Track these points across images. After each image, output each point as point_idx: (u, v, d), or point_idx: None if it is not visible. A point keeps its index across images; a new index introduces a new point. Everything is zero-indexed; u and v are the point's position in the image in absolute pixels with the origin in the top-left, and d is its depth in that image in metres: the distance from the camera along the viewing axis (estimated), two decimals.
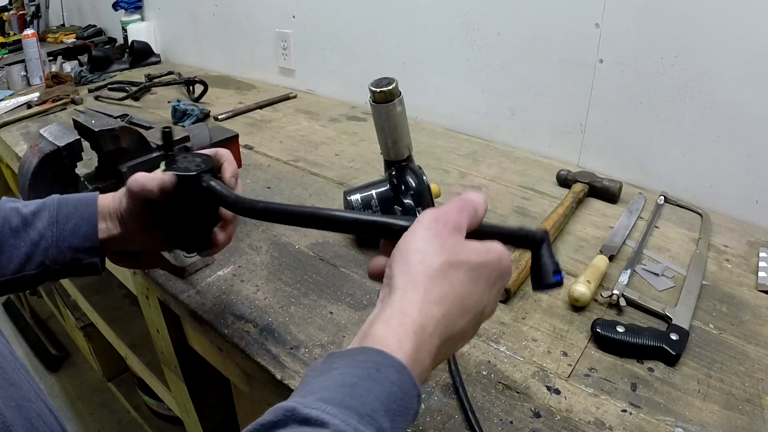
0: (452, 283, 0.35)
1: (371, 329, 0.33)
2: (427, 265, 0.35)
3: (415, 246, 0.36)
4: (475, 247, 0.38)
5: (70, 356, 2.03)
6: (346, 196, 0.76)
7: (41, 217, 0.52)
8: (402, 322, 0.32)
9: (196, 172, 0.51)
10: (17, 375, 0.42)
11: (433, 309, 0.34)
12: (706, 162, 0.93)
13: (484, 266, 0.37)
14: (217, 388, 0.91)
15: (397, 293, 0.34)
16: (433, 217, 0.38)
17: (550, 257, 0.42)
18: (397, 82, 0.69)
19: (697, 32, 0.87)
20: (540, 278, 0.43)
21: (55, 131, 0.67)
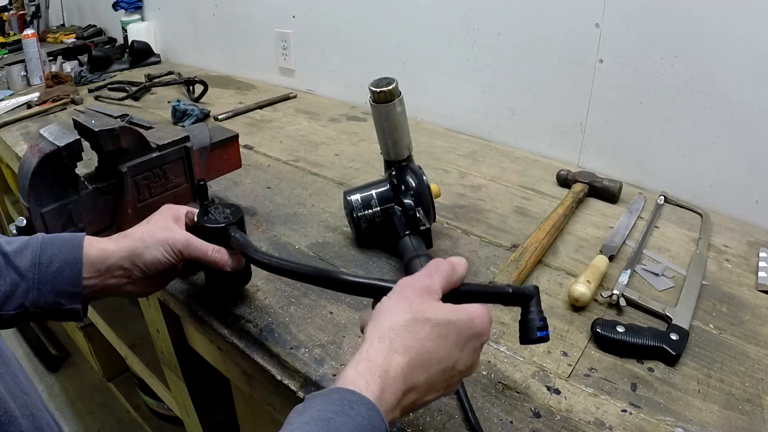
0: (417, 336, 0.39)
1: (343, 373, 0.38)
2: (394, 321, 0.40)
3: (385, 306, 0.41)
4: (445, 307, 0.41)
5: (70, 356, 2.03)
6: (346, 196, 0.76)
7: (24, 256, 0.51)
8: (368, 368, 0.37)
9: (225, 224, 0.59)
10: (28, 384, 0.42)
11: (397, 357, 0.38)
12: (706, 162, 0.93)
13: (451, 323, 0.40)
14: (217, 388, 0.91)
15: (365, 344, 0.39)
16: (404, 283, 0.43)
17: (539, 313, 0.46)
18: (397, 82, 0.69)
19: (697, 32, 0.87)
20: (527, 333, 0.46)
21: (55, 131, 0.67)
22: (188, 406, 0.95)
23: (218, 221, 0.59)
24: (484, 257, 0.77)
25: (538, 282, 0.71)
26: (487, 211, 0.90)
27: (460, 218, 0.87)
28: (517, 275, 0.69)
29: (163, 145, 0.74)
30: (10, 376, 0.39)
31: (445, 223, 0.86)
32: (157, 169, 0.74)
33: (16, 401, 0.38)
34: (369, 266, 0.74)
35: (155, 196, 0.75)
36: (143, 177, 0.73)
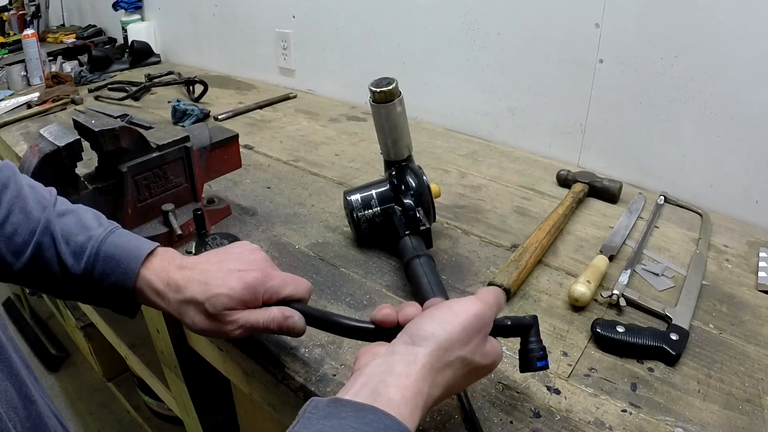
0: (456, 375, 0.41)
1: (387, 391, 0.36)
2: (449, 355, 0.40)
3: (451, 330, 0.41)
4: (488, 351, 0.43)
5: (70, 356, 2.03)
6: (346, 196, 0.76)
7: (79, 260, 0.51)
8: (415, 396, 0.37)
9: None
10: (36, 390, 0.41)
11: (435, 390, 0.40)
12: (706, 162, 0.93)
13: (483, 367, 0.44)
14: (217, 388, 0.91)
15: (416, 366, 0.38)
16: (478, 312, 0.43)
17: (538, 343, 0.47)
18: (397, 82, 0.69)
19: (697, 32, 0.87)
20: (527, 363, 0.48)
21: (55, 131, 0.67)
22: (188, 406, 0.95)
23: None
24: (484, 257, 0.77)
25: (538, 282, 0.71)
26: (487, 211, 0.90)
27: (460, 218, 0.87)
28: (517, 275, 0.69)
29: (163, 145, 0.74)
30: (15, 385, 0.39)
31: (445, 223, 0.85)
32: (157, 169, 0.74)
33: (18, 414, 0.37)
34: (369, 266, 0.74)
35: (155, 196, 0.75)
36: (143, 177, 0.73)
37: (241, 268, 0.51)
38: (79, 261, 0.51)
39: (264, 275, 0.51)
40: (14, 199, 0.52)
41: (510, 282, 0.67)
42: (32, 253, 0.51)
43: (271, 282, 0.51)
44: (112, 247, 0.52)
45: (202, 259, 0.53)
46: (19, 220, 0.51)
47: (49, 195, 0.55)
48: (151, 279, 0.51)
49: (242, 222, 0.85)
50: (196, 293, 0.49)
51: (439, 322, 0.41)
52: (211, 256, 0.54)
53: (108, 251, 0.51)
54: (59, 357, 2.01)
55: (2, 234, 0.51)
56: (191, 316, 0.50)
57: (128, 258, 0.51)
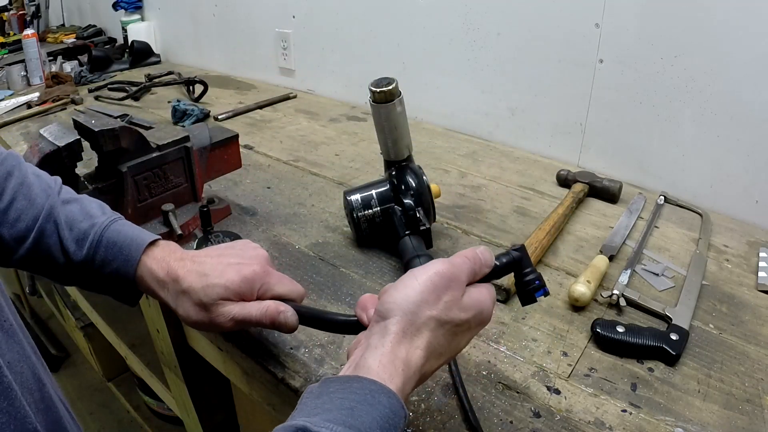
0: (436, 335, 0.41)
1: (365, 362, 0.38)
2: (419, 317, 0.40)
3: (411, 294, 0.41)
4: (465, 304, 0.42)
5: (70, 356, 2.03)
6: (346, 196, 0.76)
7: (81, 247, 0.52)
8: (392, 360, 0.38)
9: None
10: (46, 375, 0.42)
11: (417, 352, 0.40)
12: (706, 162, 0.93)
13: (467, 321, 0.42)
14: (217, 388, 0.91)
15: (389, 336, 0.39)
16: (439, 270, 0.42)
17: (532, 272, 0.46)
18: (397, 82, 0.69)
19: (697, 32, 0.87)
20: (526, 296, 0.47)
21: (55, 131, 0.67)
22: (188, 406, 0.95)
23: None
24: None
25: None
26: (487, 211, 0.90)
27: (460, 218, 0.87)
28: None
29: (163, 145, 0.74)
30: (29, 367, 0.39)
31: (445, 223, 0.85)
32: (157, 169, 0.74)
33: (33, 395, 0.38)
34: (369, 266, 0.74)
35: (155, 196, 0.75)
36: (143, 177, 0.73)
37: (239, 262, 0.52)
38: (81, 247, 0.52)
39: (262, 270, 0.52)
40: (19, 186, 0.52)
41: (510, 282, 0.67)
42: (35, 238, 0.51)
43: (268, 278, 0.52)
44: (114, 234, 0.53)
45: (202, 252, 0.54)
46: (23, 206, 0.52)
47: (54, 183, 0.56)
48: (153, 267, 0.52)
49: (242, 222, 0.85)
50: (193, 283, 0.50)
51: (401, 289, 0.41)
52: (212, 251, 0.54)
53: (110, 238, 0.52)
54: (59, 357, 2.01)
55: (6, 220, 0.51)
56: (185, 308, 0.50)
57: (130, 245, 0.52)
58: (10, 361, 0.37)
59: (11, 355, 0.38)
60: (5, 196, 0.52)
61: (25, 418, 0.35)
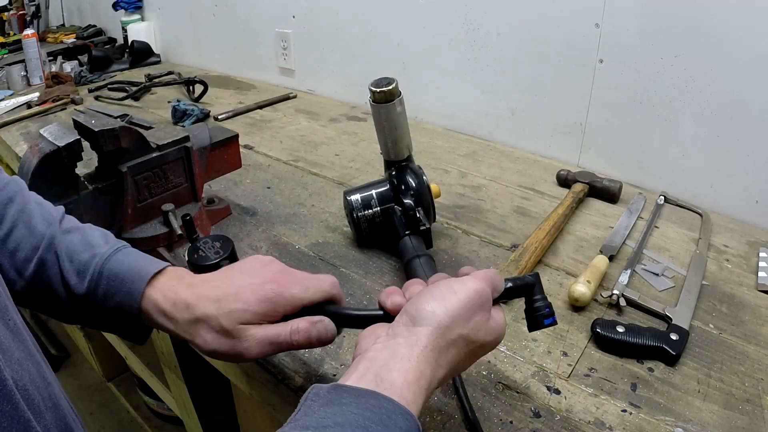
0: (459, 353, 0.41)
1: (390, 375, 0.36)
2: (452, 333, 0.40)
3: (451, 308, 0.40)
4: (491, 328, 0.43)
5: (70, 356, 2.03)
6: (346, 196, 0.76)
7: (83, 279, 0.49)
8: (417, 379, 0.37)
9: (216, 260, 0.58)
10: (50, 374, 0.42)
11: (440, 371, 0.39)
12: (706, 162, 0.93)
13: (488, 344, 0.43)
14: (217, 388, 0.91)
15: (418, 347, 0.38)
16: (477, 288, 0.42)
17: (543, 300, 0.47)
18: (397, 82, 0.69)
19: (696, 32, 0.87)
20: (534, 322, 0.47)
21: (55, 131, 0.67)
22: (188, 406, 0.95)
23: (209, 258, 0.59)
24: (484, 257, 0.77)
25: None
26: (487, 211, 0.90)
27: (460, 218, 0.87)
28: (517, 275, 0.69)
29: (163, 145, 0.74)
30: (35, 366, 0.39)
31: (445, 223, 0.85)
32: (157, 169, 0.74)
33: (41, 393, 0.38)
34: (369, 266, 0.74)
35: (155, 196, 0.75)
36: (143, 177, 0.73)
37: (254, 282, 0.47)
38: (83, 280, 0.49)
39: (280, 286, 0.47)
40: (19, 213, 0.50)
41: None
42: (35, 270, 0.49)
43: (290, 290, 0.47)
44: (117, 265, 0.50)
45: (211, 276, 0.50)
46: (23, 234, 0.50)
47: (56, 212, 0.53)
48: (158, 299, 0.48)
49: (242, 222, 0.85)
50: (208, 310, 0.46)
51: (440, 300, 0.40)
52: (221, 274, 0.50)
53: (113, 269, 0.49)
54: (59, 357, 2.01)
55: (5, 249, 0.49)
56: (203, 336, 0.46)
57: (134, 277, 0.49)
58: (19, 358, 0.37)
59: (19, 353, 0.37)
60: (5, 224, 0.49)
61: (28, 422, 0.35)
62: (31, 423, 0.35)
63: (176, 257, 0.71)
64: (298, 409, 0.35)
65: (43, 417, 0.36)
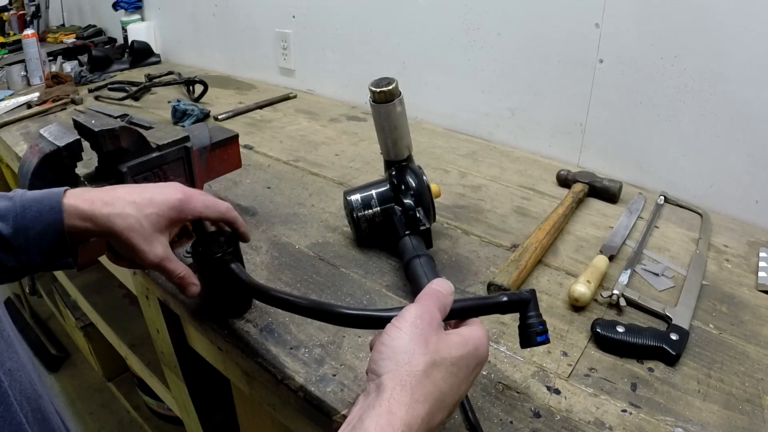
0: (435, 381, 0.38)
1: (362, 424, 0.35)
2: (413, 366, 0.38)
3: (401, 345, 0.39)
4: (455, 341, 0.41)
5: (70, 356, 2.03)
6: (346, 196, 0.76)
7: (6, 222, 0.51)
8: (390, 422, 0.35)
9: (220, 254, 0.57)
10: (41, 386, 0.42)
11: (419, 407, 0.37)
12: (706, 162, 0.93)
13: (463, 359, 0.41)
14: (217, 388, 0.91)
15: (386, 392, 0.37)
16: (417, 314, 0.41)
17: (537, 317, 0.46)
18: (397, 82, 0.69)
19: (696, 32, 0.87)
20: (527, 339, 0.47)
21: (55, 131, 0.67)
22: (188, 406, 0.95)
23: (213, 252, 0.58)
24: (484, 257, 0.77)
25: (538, 282, 0.71)
26: (487, 211, 0.90)
27: (460, 218, 0.87)
28: (517, 275, 0.69)
29: (163, 145, 0.74)
30: (26, 376, 0.39)
31: (445, 223, 0.85)
32: (157, 169, 0.74)
33: (30, 404, 0.38)
34: (369, 266, 0.74)
35: None
36: (143, 177, 0.73)
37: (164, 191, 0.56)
38: (7, 220, 0.51)
39: (186, 196, 0.56)
40: None
41: (510, 282, 0.67)
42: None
43: (193, 204, 0.57)
44: (32, 195, 0.53)
45: (122, 185, 0.57)
46: None
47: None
48: (76, 203, 0.52)
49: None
50: (128, 210, 0.52)
51: (388, 342, 0.39)
52: (132, 185, 0.57)
53: (30, 198, 0.52)
54: (59, 357, 2.01)
55: None
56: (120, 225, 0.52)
57: (50, 195, 0.52)
58: (11, 368, 0.37)
59: (11, 363, 0.38)
60: None
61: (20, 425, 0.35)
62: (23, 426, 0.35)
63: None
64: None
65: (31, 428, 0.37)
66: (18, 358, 0.39)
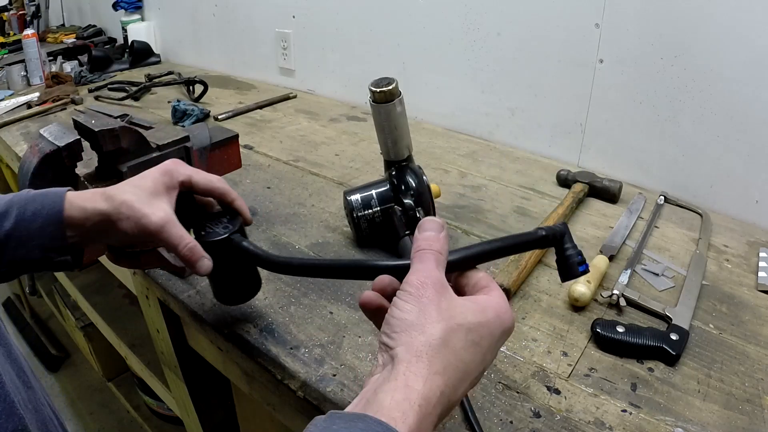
0: (455, 349, 0.36)
1: (376, 397, 0.34)
2: (429, 335, 0.35)
3: (412, 318, 0.36)
4: (469, 306, 0.38)
5: (70, 356, 2.03)
6: (346, 196, 0.76)
7: (9, 216, 0.51)
8: (407, 397, 0.33)
9: (226, 234, 0.55)
10: (34, 380, 0.42)
11: (437, 379, 0.34)
12: (706, 162, 0.93)
13: (482, 326, 0.38)
14: (217, 388, 0.91)
15: (401, 365, 0.35)
16: (420, 283, 0.38)
17: (574, 248, 0.45)
18: (397, 82, 0.69)
19: (697, 32, 0.87)
20: (568, 270, 0.46)
21: (55, 131, 0.67)
22: (188, 406, 0.95)
23: (218, 233, 0.55)
24: None
25: (538, 282, 0.71)
26: (487, 211, 0.90)
27: (460, 218, 0.87)
28: (517, 275, 0.69)
29: (163, 145, 0.74)
30: (15, 370, 0.40)
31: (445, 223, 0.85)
32: None
33: (20, 394, 0.38)
34: None
35: None
36: None
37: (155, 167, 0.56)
38: (9, 216, 0.51)
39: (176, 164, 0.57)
40: None
41: (510, 282, 0.67)
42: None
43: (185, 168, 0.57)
44: (32, 193, 0.53)
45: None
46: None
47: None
48: (78, 194, 0.52)
49: None
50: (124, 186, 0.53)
51: (398, 315, 0.37)
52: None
53: (31, 194, 0.52)
54: (59, 357, 2.01)
55: None
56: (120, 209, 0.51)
57: (53, 192, 0.53)
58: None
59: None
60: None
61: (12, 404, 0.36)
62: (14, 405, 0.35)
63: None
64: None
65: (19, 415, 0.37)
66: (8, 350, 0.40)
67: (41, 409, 0.41)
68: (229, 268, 0.57)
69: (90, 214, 0.52)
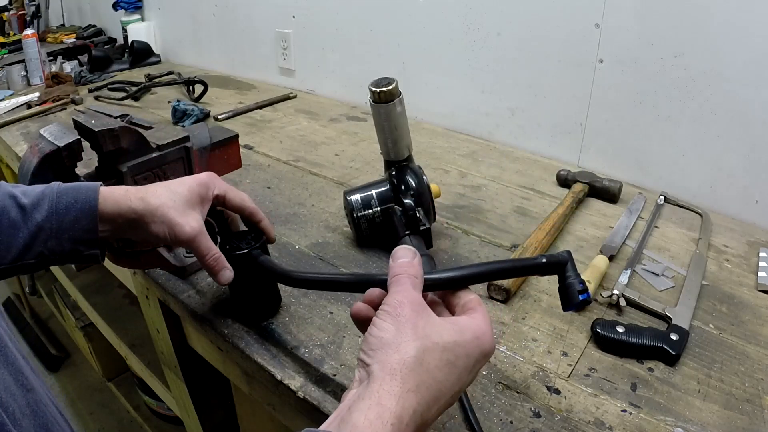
0: (429, 368, 0.36)
1: (351, 416, 0.34)
2: (403, 353, 0.36)
3: (388, 336, 0.37)
4: (447, 327, 0.39)
5: (70, 356, 2.03)
6: (346, 196, 0.76)
7: (41, 207, 0.52)
8: (380, 415, 0.33)
9: (248, 249, 0.57)
10: (35, 380, 0.42)
11: (411, 398, 0.35)
12: (706, 162, 0.93)
13: (459, 345, 0.38)
14: (217, 388, 0.91)
15: (376, 383, 0.35)
16: (397, 302, 0.39)
17: (576, 277, 0.45)
18: (397, 82, 0.69)
19: (697, 32, 0.87)
20: (569, 299, 0.45)
21: (55, 131, 0.67)
22: (188, 406, 0.95)
23: (240, 247, 0.58)
24: (484, 257, 0.77)
25: (538, 282, 0.71)
26: (487, 211, 0.90)
27: (460, 218, 0.87)
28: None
29: (163, 145, 0.74)
30: (12, 374, 0.39)
31: (445, 223, 0.85)
32: (157, 169, 0.74)
33: (17, 401, 0.38)
34: (369, 266, 0.74)
35: None
36: (143, 177, 0.73)
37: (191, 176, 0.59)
38: (41, 207, 0.51)
39: (211, 177, 0.59)
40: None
41: (510, 283, 0.67)
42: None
43: (219, 182, 0.59)
44: (69, 184, 0.54)
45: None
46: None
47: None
48: (111, 191, 0.54)
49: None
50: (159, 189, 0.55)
51: (376, 333, 0.38)
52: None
53: (67, 186, 0.54)
54: (59, 357, 2.01)
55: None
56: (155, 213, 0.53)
57: (87, 186, 0.54)
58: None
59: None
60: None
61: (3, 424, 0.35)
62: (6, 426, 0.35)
63: (176, 257, 0.71)
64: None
65: (19, 424, 0.37)
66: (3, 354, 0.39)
67: (43, 411, 0.40)
68: (250, 282, 0.60)
69: (124, 211, 0.53)
